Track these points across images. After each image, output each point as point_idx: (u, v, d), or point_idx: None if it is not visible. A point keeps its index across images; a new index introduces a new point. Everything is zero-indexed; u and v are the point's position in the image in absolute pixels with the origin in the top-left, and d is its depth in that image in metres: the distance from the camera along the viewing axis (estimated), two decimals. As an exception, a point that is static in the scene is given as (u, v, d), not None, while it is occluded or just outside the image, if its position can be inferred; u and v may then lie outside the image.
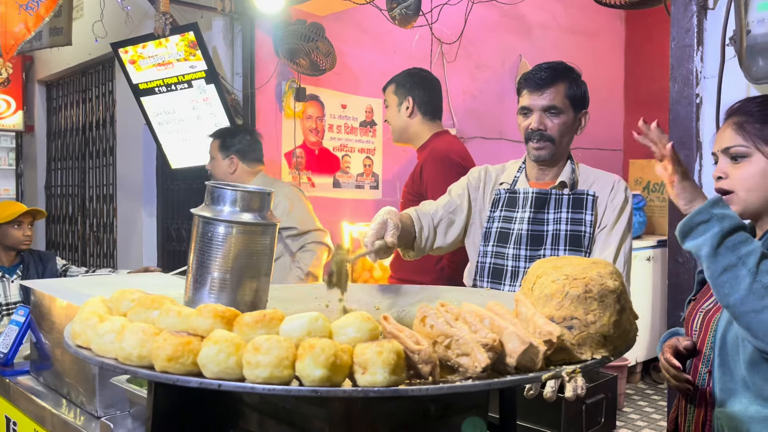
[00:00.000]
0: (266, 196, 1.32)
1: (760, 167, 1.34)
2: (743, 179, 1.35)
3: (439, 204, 1.98)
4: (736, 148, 1.36)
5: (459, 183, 2.04)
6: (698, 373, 1.42)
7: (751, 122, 1.36)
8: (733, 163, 1.37)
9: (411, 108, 2.72)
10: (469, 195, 2.00)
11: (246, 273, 1.29)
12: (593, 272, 0.95)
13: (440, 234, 1.95)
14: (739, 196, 1.36)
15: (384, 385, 0.76)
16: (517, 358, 0.85)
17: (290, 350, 0.77)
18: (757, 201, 1.36)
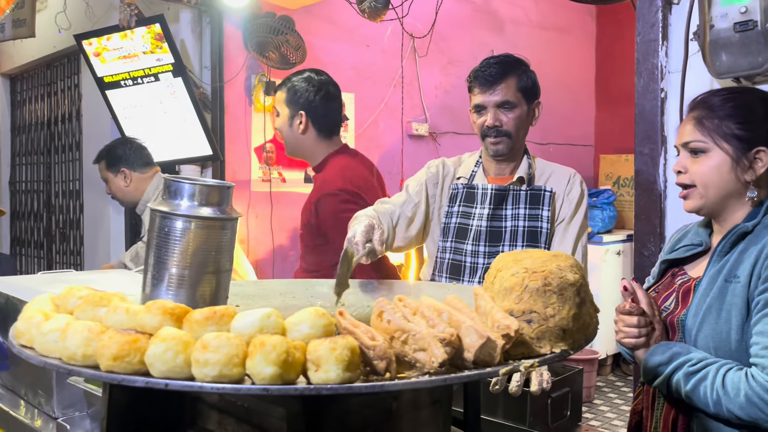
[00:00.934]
0: (226, 189, 1.29)
1: (718, 162, 1.35)
2: (702, 174, 1.36)
3: (397, 202, 1.97)
4: (695, 143, 1.37)
5: (416, 178, 2.03)
6: None
7: (711, 117, 1.36)
8: (692, 157, 1.38)
9: (304, 124, 2.35)
10: (427, 191, 1.99)
11: (205, 269, 1.26)
12: (553, 265, 0.95)
13: (399, 233, 1.94)
14: (698, 190, 1.37)
15: (337, 382, 0.74)
16: (474, 353, 0.84)
17: (241, 348, 0.75)
18: (715, 196, 1.36)
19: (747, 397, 1.18)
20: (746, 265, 1.29)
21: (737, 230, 1.34)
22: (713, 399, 1.22)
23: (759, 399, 1.17)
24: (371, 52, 4.45)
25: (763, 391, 1.17)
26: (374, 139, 4.50)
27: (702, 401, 1.25)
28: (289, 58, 3.66)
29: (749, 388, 1.18)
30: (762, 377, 1.18)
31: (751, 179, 1.34)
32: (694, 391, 1.25)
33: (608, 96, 6.14)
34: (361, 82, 4.39)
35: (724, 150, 1.34)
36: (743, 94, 1.39)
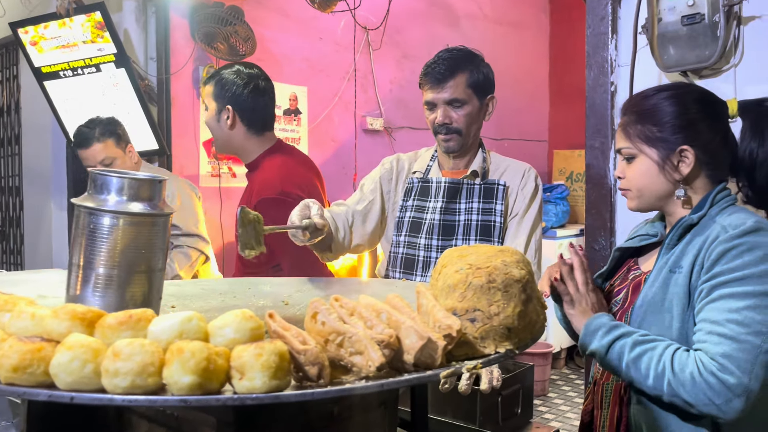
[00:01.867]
0: (157, 183, 1.22)
1: (646, 167, 1.36)
2: (634, 179, 1.39)
3: (351, 202, 1.95)
4: (624, 150, 1.39)
5: (371, 177, 2.01)
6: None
7: (634, 123, 1.38)
8: (627, 163, 1.40)
9: (231, 119, 2.21)
10: (382, 188, 1.97)
11: (135, 268, 1.18)
12: (498, 261, 0.90)
13: (356, 233, 1.92)
14: (634, 194, 1.40)
15: (264, 390, 0.68)
16: (414, 355, 0.79)
17: (156, 355, 0.68)
18: (650, 198, 1.38)
19: (692, 376, 1.17)
20: (689, 256, 1.29)
21: (683, 223, 1.34)
22: (656, 371, 1.21)
23: (704, 382, 1.16)
24: (324, 44, 4.38)
25: (708, 374, 1.16)
26: (328, 133, 4.43)
27: (642, 372, 1.23)
28: (239, 49, 3.55)
29: (696, 370, 1.18)
30: (708, 361, 1.17)
31: (680, 179, 1.34)
32: (637, 360, 1.23)
33: (562, 92, 6.21)
34: (314, 75, 4.31)
35: (648, 155, 1.36)
36: (671, 94, 1.37)
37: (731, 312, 1.18)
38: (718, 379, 1.15)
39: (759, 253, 1.21)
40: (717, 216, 1.31)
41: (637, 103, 1.40)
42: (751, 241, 1.22)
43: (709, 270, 1.24)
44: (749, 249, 1.21)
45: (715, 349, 1.17)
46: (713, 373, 1.16)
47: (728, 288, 1.20)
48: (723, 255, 1.22)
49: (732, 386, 1.15)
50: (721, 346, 1.17)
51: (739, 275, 1.20)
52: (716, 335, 1.18)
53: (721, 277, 1.21)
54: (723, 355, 1.16)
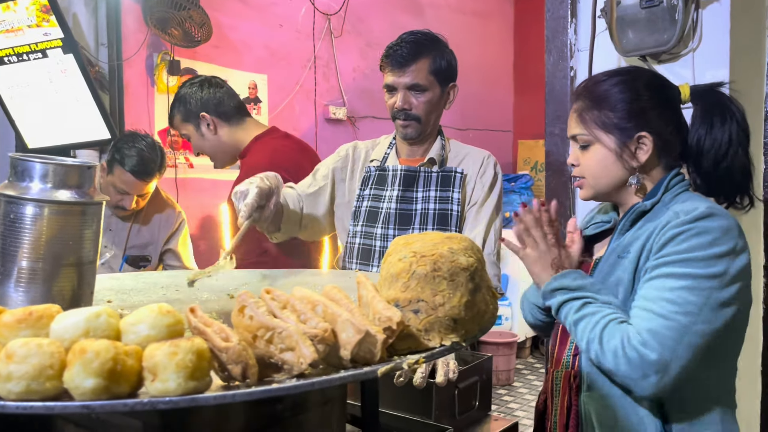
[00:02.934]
0: (87, 169, 1.14)
1: (602, 155, 1.32)
2: (589, 167, 1.34)
3: (302, 187, 1.89)
4: (580, 136, 1.35)
5: (325, 163, 1.95)
6: (562, 357, 1.37)
7: (590, 109, 1.33)
8: (581, 150, 1.35)
9: (212, 123, 2.26)
10: (334, 176, 1.91)
11: (63, 261, 1.10)
12: (444, 248, 0.85)
13: (305, 218, 1.86)
14: (589, 182, 1.36)
15: (179, 393, 0.62)
16: (351, 350, 0.73)
17: (57, 356, 0.61)
18: (606, 186, 1.34)
19: (615, 348, 1.17)
20: (639, 242, 1.27)
21: (636, 209, 1.31)
22: (588, 337, 1.21)
23: (624, 355, 1.16)
24: (285, 31, 4.27)
25: (630, 348, 1.16)
26: (290, 122, 4.33)
27: (578, 336, 1.23)
28: (194, 35, 3.43)
29: (620, 342, 1.17)
30: (634, 335, 1.16)
31: (637, 166, 1.31)
32: (577, 323, 1.24)
33: (526, 81, 6.21)
34: (275, 63, 4.21)
35: (605, 143, 1.32)
36: (623, 79, 1.34)
37: (666, 290, 1.17)
38: (638, 354, 1.15)
39: (708, 238, 1.18)
40: (670, 203, 1.29)
41: (591, 88, 1.35)
42: (701, 226, 1.19)
43: (656, 253, 1.22)
44: (698, 233, 1.19)
45: (643, 324, 1.16)
46: (635, 348, 1.15)
47: (669, 268, 1.19)
48: (672, 239, 1.20)
49: (651, 362, 1.14)
50: (650, 322, 1.16)
51: (683, 257, 1.18)
52: (647, 311, 1.18)
53: (664, 258, 1.20)
54: (649, 331, 1.15)
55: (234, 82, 3.94)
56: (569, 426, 1.30)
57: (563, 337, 1.39)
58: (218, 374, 0.70)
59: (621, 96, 1.31)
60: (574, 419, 1.29)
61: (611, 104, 1.31)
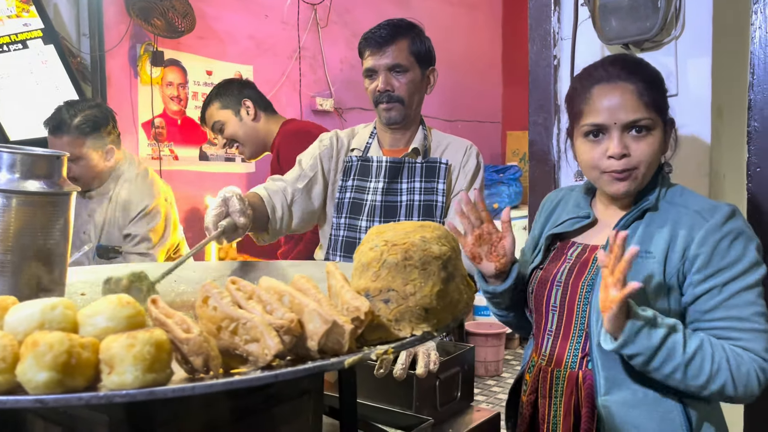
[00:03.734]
0: (56, 159, 1.11)
1: (659, 140, 1.26)
2: (648, 155, 1.24)
3: (290, 179, 1.82)
4: (644, 121, 1.23)
5: (309, 152, 1.89)
6: (564, 357, 1.31)
7: (648, 91, 1.24)
8: (635, 136, 1.24)
9: (252, 108, 2.54)
10: (322, 165, 1.86)
11: (31, 253, 1.08)
12: (416, 237, 0.83)
13: (297, 212, 1.80)
14: (641, 172, 1.25)
15: (136, 386, 0.60)
16: (318, 341, 0.71)
17: (9, 349, 0.59)
18: (649, 176, 1.28)
19: (748, 373, 1.17)
20: (659, 242, 1.24)
21: (642, 207, 1.28)
22: (711, 370, 1.16)
23: (756, 378, 1.17)
24: (270, 22, 4.23)
25: (760, 371, 1.17)
26: (276, 114, 4.30)
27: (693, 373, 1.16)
28: (177, 25, 3.39)
29: (752, 367, 1.17)
30: (759, 359, 1.18)
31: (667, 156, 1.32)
32: (692, 361, 1.16)
33: (515, 73, 6.19)
34: (260, 54, 4.17)
35: (661, 127, 1.27)
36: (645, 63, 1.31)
37: (751, 305, 1.19)
38: (765, 375, 1.17)
39: (744, 239, 1.21)
40: (668, 196, 1.28)
41: (641, 68, 1.27)
42: (734, 228, 1.21)
43: (707, 264, 1.20)
44: (735, 238, 1.20)
45: (758, 346, 1.18)
46: (763, 370, 1.17)
47: (737, 283, 1.19)
48: (716, 246, 1.20)
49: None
50: (761, 341, 1.18)
51: (741, 268, 1.19)
52: (750, 332, 1.18)
53: (726, 273, 1.20)
54: (766, 350, 1.18)
55: (219, 73, 3.92)
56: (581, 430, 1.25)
57: (564, 335, 1.32)
58: (182, 366, 0.68)
59: (661, 80, 1.28)
60: (587, 423, 1.24)
61: (660, 86, 1.27)
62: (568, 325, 1.33)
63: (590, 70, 1.32)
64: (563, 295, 1.33)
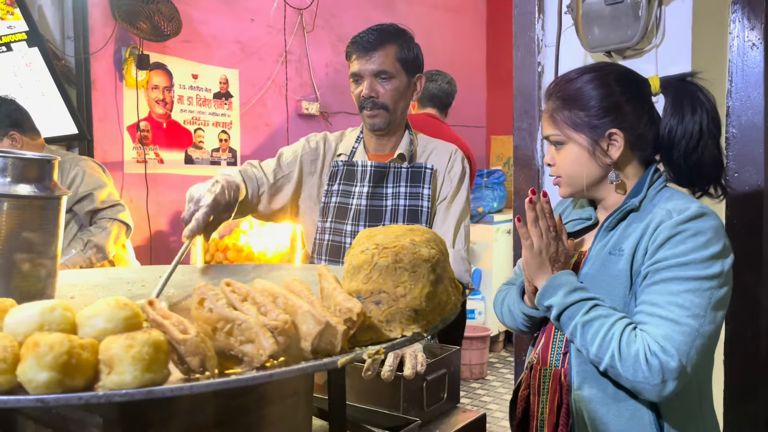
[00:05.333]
0: (47, 163, 1.12)
1: (576, 154, 1.33)
2: (564, 166, 1.35)
3: (266, 169, 1.82)
4: (553, 136, 1.35)
5: (292, 149, 1.88)
6: (549, 355, 1.37)
7: (560, 109, 1.33)
8: (556, 149, 1.36)
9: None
10: (302, 166, 1.86)
11: (23, 256, 1.09)
12: (406, 240, 0.85)
13: (264, 201, 1.80)
14: (565, 181, 1.36)
15: (135, 385, 0.61)
16: (312, 342, 0.73)
17: (10, 350, 0.61)
18: (580, 184, 1.35)
19: (637, 354, 1.17)
20: (631, 240, 1.27)
21: (624, 208, 1.32)
22: (603, 340, 1.20)
23: (645, 362, 1.17)
24: (256, 26, 4.25)
25: (651, 356, 1.17)
26: (262, 117, 4.31)
27: (588, 338, 1.22)
28: (163, 29, 3.39)
29: (641, 349, 1.18)
30: (652, 342, 1.18)
31: (611, 162, 1.32)
32: (587, 324, 1.22)
33: (498, 78, 6.25)
34: (246, 57, 4.18)
35: (578, 141, 1.32)
36: (595, 75, 1.34)
37: (672, 295, 1.19)
38: (659, 361, 1.16)
39: (702, 239, 1.20)
40: (656, 199, 1.30)
41: (562, 87, 1.35)
42: (694, 227, 1.21)
43: (653, 254, 1.23)
44: (693, 234, 1.21)
45: (657, 331, 1.18)
46: (656, 354, 1.16)
47: (670, 272, 1.20)
48: (667, 240, 1.22)
49: (671, 369, 1.16)
50: (662, 328, 1.18)
51: (682, 260, 1.20)
52: (657, 317, 1.19)
53: (664, 262, 1.21)
54: (664, 337, 1.17)
55: (204, 76, 3.92)
56: (559, 425, 1.30)
57: (548, 334, 1.38)
58: (178, 367, 0.70)
59: (592, 93, 1.31)
60: (564, 418, 1.29)
61: (581, 103, 1.32)
62: (549, 327, 1.39)
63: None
64: None
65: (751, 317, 1.87)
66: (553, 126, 1.35)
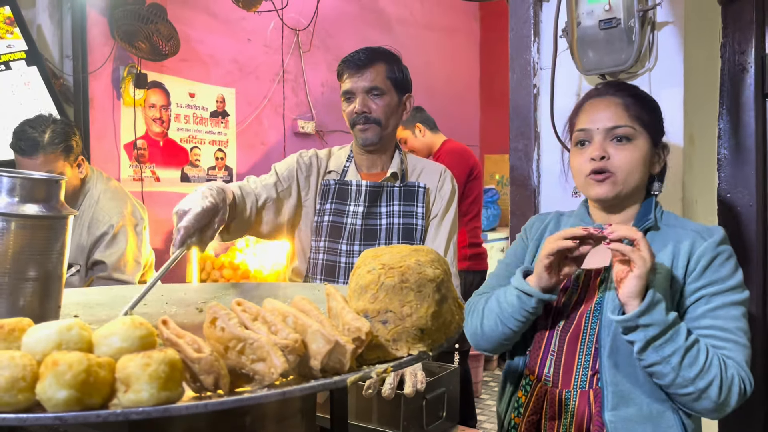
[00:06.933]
0: (54, 184, 1.14)
1: (640, 152, 1.33)
2: (627, 162, 1.32)
3: (267, 184, 1.81)
4: (625, 128, 1.33)
5: (286, 163, 1.89)
6: (572, 378, 1.33)
7: (633, 105, 1.35)
8: (616, 143, 1.34)
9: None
10: (298, 181, 1.87)
11: (29, 275, 1.10)
12: (412, 260, 0.87)
13: (267, 218, 1.79)
14: (619, 178, 1.33)
15: (152, 403, 0.63)
16: (321, 360, 0.75)
17: (29, 368, 0.62)
18: (631, 185, 1.35)
19: (732, 378, 1.22)
20: (664, 259, 1.31)
21: (645, 225, 1.36)
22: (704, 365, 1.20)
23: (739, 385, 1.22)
24: (253, 46, 4.29)
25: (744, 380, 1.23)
26: (258, 135, 4.34)
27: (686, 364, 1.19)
28: (161, 48, 3.43)
29: (737, 374, 1.22)
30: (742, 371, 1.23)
31: (656, 173, 1.37)
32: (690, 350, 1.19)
33: (492, 97, 6.32)
34: (243, 77, 4.22)
35: (644, 140, 1.35)
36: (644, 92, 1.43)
37: (737, 320, 1.26)
38: (744, 385, 1.23)
39: (734, 261, 1.31)
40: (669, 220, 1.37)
41: (628, 87, 1.41)
42: (727, 249, 1.31)
43: (700, 276, 1.29)
44: (728, 257, 1.30)
45: (739, 357, 1.24)
46: (743, 380, 1.23)
47: (726, 297, 1.27)
48: (711, 262, 1.29)
49: (749, 392, 1.23)
50: (740, 353, 1.24)
51: (730, 285, 1.28)
52: (733, 343, 1.24)
53: (716, 286, 1.28)
54: (746, 363, 1.24)
55: (201, 95, 3.95)
56: None
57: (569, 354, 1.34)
58: (190, 385, 0.71)
59: (653, 103, 1.39)
60: None
61: (651, 106, 1.38)
62: (573, 345, 1.34)
63: (589, 91, 1.47)
64: (569, 320, 1.36)
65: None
66: (626, 118, 1.33)
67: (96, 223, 2.42)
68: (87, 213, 2.44)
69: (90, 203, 2.45)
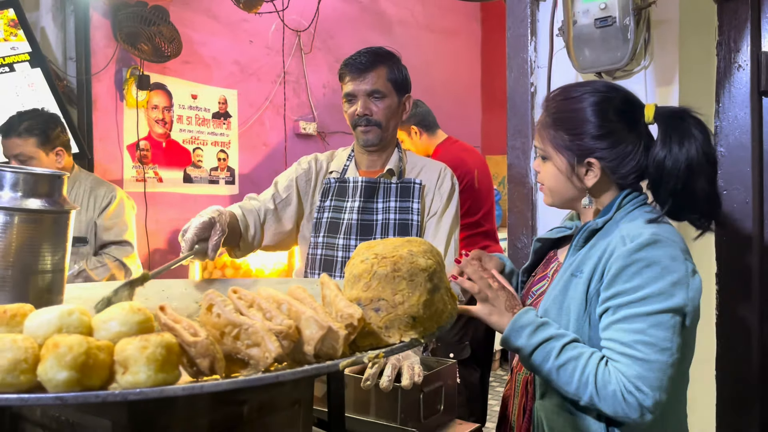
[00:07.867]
0: (57, 179, 1.16)
1: (556, 170, 1.36)
2: (546, 178, 1.39)
3: (265, 198, 1.90)
4: (539, 149, 1.40)
5: (286, 175, 1.96)
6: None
7: (548, 127, 1.35)
8: (542, 160, 1.40)
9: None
10: (298, 188, 1.93)
11: (32, 269, 1.12)
12: (404, 250, 0.90)
13: (268, 231, 1.88)
14: (546, 191, 1.41)
15: (149, 385, 0.65)
16: (315, 345, 0.77)
17: (30, 351, 0.64)
18: (560, 197, 1.39)
19: (614, 394, 1.18)
20: (591, 262, 1.28)
21: (587, 227, 1.33)
22: (580, 381, 1.21)
23: (623, 401, 1.18)
24: (255, 47, 4.32)
25: (628, 394, 1.18)
26: (260, 136, 4.37)
27: (564, 380, 1.22)
28: (164, 50, 3.46)
29: (617, 389, 1.19)
30: (626, 382, 1.19)
31: (585, 188, 1.34)
32: (561, 368, 1.22)
33: (493, 98, 6.34)
34: (245, 78, 4.25)
35: (556, 162, 1.35)
36: (594, 101, 1.32)
37: (637, 333, 1.19)
38: (636, 399, 1.17)
39: (657, 269, 1.20)
40: (621, 221, 1.30)
41: (558, 104, 1.35)
42: (647, 257, 1.20)
43: (609, 285, 1.23)
44: (647, 265, 1.20)
45: (630, 371, 1.18)
46: (632, 393, 1.17)
47: (631, 309, 1.20)
48: (622, 271, 1.21)
49: (648, 406, 1.17)
50: (633, 368, 1.18)
51: (640, 295, 1.19)
52: (627, 357, 1.19)
53: (624, 297, 1.21)
54: (637, 378, 1.17)
55: (204, 96, 3.98)
56: (522, 429, 1.36)
57: None
58: (187, 369, 0.73)
59: (584, 118, 1.30)
60: (527, 423, 1.35)
61: (570, 126, 1.32)
62: None
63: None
64: (537, 299, 1.42)
65: (742, 333, 1.91)
66: (539, 140, 1.38)
67: (98, 198, 2.73)
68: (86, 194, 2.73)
69: (84, 188, 2.73)
